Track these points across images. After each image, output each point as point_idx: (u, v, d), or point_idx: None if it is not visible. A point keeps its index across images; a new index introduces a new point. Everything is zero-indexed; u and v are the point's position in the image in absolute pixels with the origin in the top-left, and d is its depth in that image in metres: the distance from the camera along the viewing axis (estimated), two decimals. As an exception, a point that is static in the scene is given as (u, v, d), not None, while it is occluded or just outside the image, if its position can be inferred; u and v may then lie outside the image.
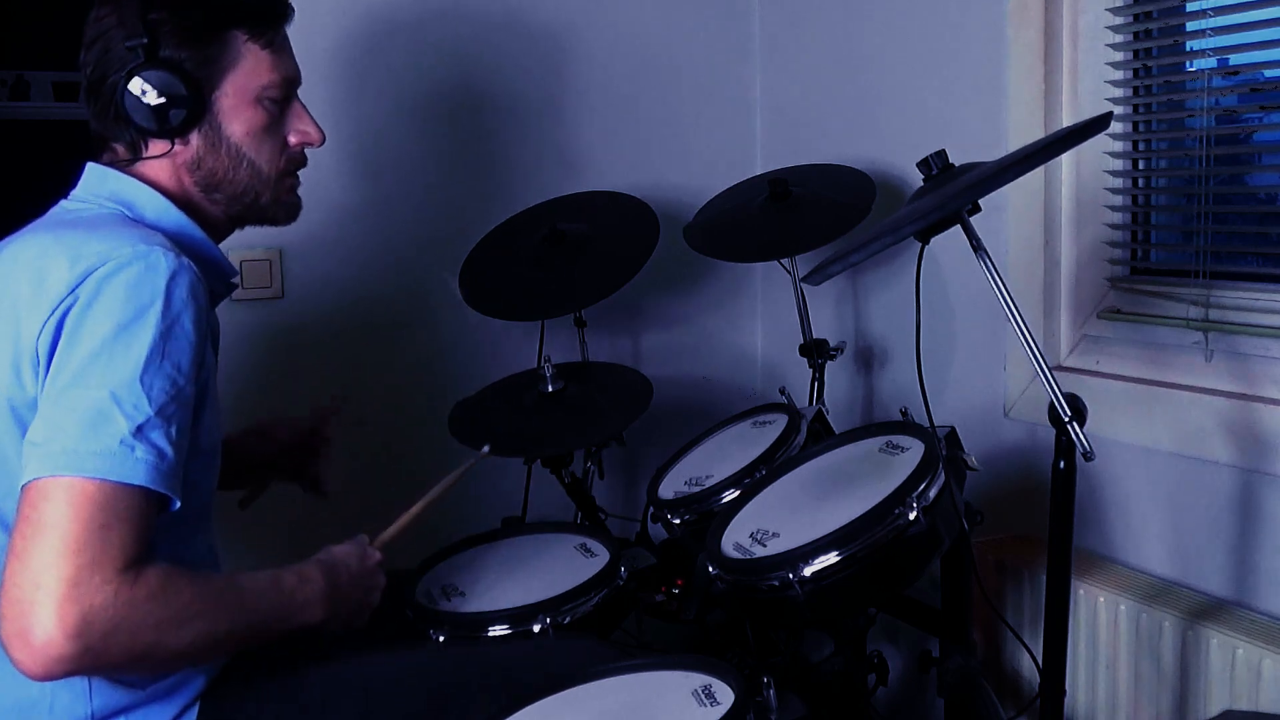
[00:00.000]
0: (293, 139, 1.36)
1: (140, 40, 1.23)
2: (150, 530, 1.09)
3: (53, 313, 1.10)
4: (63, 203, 1.31)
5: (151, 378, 1.10)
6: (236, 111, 1.30)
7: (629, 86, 2.46)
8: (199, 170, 1.30)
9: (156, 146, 1.28)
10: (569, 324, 2.16)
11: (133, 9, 1.24)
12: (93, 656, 1.03)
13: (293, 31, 1.37)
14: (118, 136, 1.29)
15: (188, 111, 1.26)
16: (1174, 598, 1.68)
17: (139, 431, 1.08)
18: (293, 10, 1.37)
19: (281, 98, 1.34)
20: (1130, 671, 1.69)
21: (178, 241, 1.21)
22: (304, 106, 1.38)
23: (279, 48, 1.33)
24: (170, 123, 1.25)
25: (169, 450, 1.10)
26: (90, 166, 1.31)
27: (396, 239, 2.25)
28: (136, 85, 1.23)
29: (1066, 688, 1.37)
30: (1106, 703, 1.73)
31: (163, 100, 1.24)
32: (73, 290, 1.11)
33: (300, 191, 1.41)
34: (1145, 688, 1.67)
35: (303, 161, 1.40)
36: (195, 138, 1.29)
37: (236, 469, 1.56)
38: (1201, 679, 1.58)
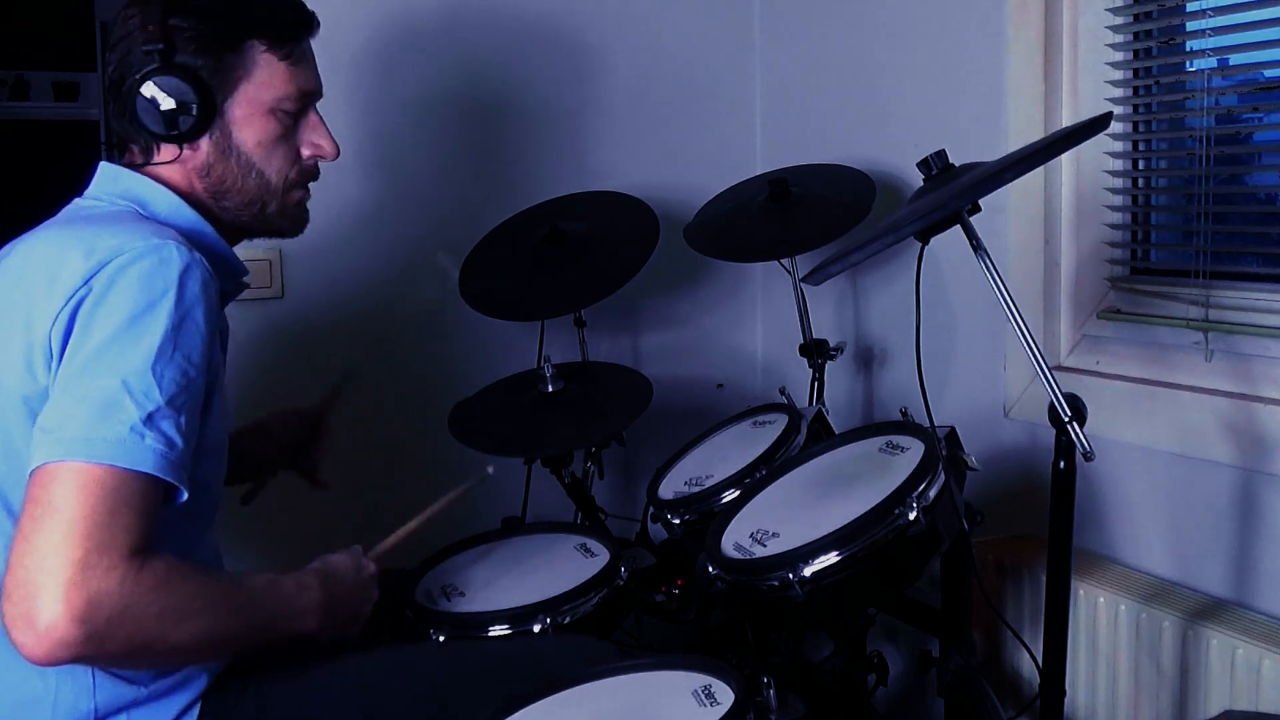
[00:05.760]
0: (306, 151, 1.37)
1: (157, 45, 1.24)
2: (157, 519, 1.10)
3: (66, 304, 1.11)
4: (76, 200, 1.31)
5: (163, 367, 1.10)
6: (248, 121, 1.30)
7: (629, 87, 2.46)
8: (209, 176, 1.31)
9: (167, 151, 1.29)
10: (569, 324, 2.16)
11: (155, 13, 1.25)
12: (95, 643, 1.03)
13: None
14: (133, 137, 1.30)
15: (197, 119, 1.26)
16: (1174, 598, 1.68)
17: (149, 420, 1.08)
18: (317, 23, 1.37)
19: (297, 110, 1.34)
20: (1130, 671, 1.69)
21: (190, 239, 1.21)
22: (321, 119, 1.38)
23: (298, 59, 1.33)
24: (179, 128, 1.26)
25: (178, 440, 1.10)
26: (103, 166, 1.31)
27: (397, 239, 2.25)
28: (149, 89, 1.24)
29: (1066, 688, 1.37)
30: (1106, 703, 1.73)
31: (173, 106, 1.25)
32: (86, 282, 1.11)
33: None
34: (1145, 688, 1.67)
35: (314, 174, 1.40)
36: (206, 144, 1.29)
37: (237, 465, 1.57)
38: (1201, 679, 1.58)
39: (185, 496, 1.12)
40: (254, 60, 1.29)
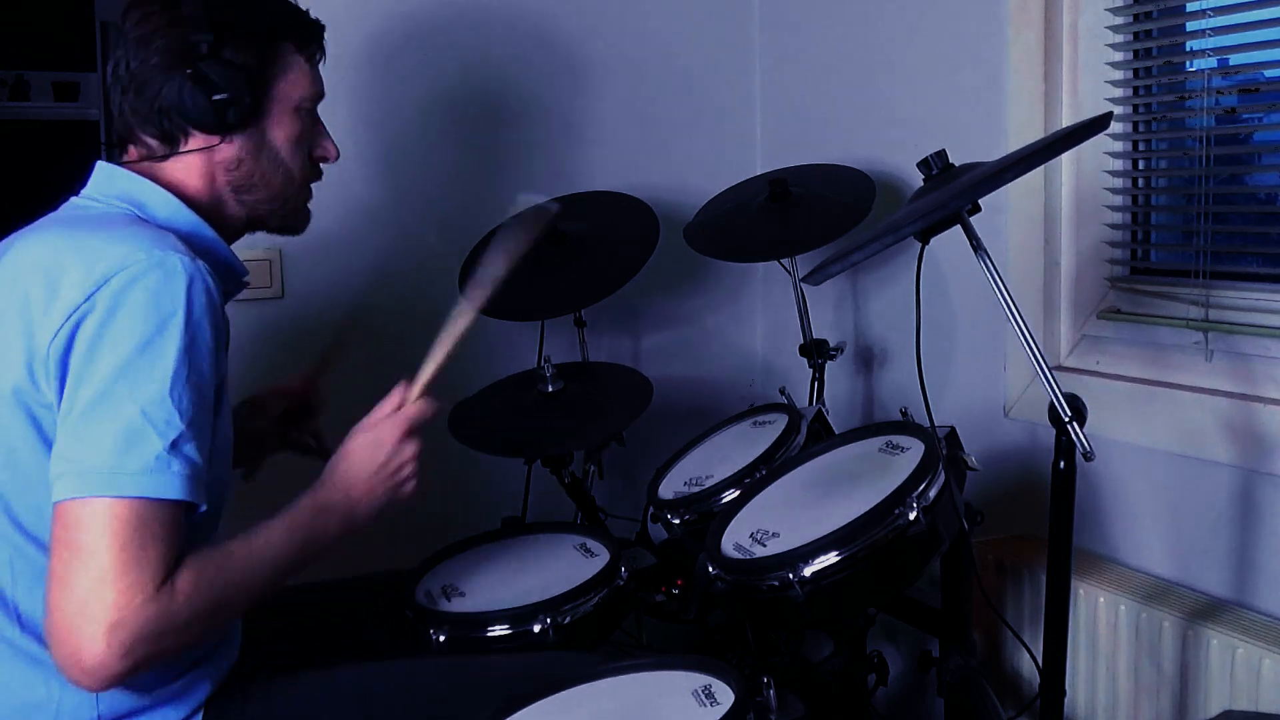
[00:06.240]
0: (314, 153, 1.40)
1: (206, 36, 1.25)
2: (183, 538, 1.11)
3: (67, 319, 1.10)
4: (73, 200, 1.30)
5: (180, 391, 1.10)
6: (280, 118, 1.33)
7: (629, 87, 2.46)
8: (236, 170, 1.31)
9: (196, 142, 1.28)
10: (569, 324, 2.16)
11: (197, 8, 1.25)
12: (145, 662, 1.07)
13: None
14: (151, 132, 1.28)
15: (247, 111, 1.28)
16: (1174, 598, 1.68)
17: (174, 446, 1.09)
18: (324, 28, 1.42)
19: (312, 110, 1.38)
20: (1130, 671, 1.69)
21: (189, 243, 1.21)
22: (323, 124, 1.41)
23: (315, 63, 1.38)
24: (228, 119, 1.27)
25: (199, 459, 1.12)
26: (100, 165, 1.30)
27: (396, 239, 2.25)
28: (199, 79, 1.24)
29: (1066, 688, 1.37)
30: (1106, 703, 1.73)
31: (224, 96, 1.26)
32: (89, 298, 1.10)
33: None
34: (1145, 688, 1.67)
35: (319, 175, 1.43)
36: (239, 138, 1.30)
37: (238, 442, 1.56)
38: (1201, 679, 1.58)
39: (204, 508, 1.13)
40: (288, 60, 1.32)
